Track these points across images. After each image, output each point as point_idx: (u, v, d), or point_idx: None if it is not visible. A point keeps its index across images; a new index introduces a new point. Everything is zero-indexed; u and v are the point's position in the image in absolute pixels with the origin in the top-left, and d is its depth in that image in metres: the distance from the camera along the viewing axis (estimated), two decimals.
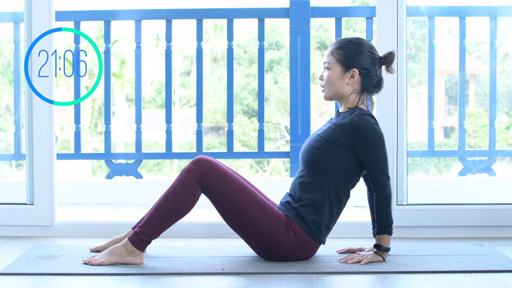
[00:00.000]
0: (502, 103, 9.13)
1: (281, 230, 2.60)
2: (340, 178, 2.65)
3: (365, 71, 2.69)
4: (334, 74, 2.70)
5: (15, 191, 3.45)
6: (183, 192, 2.59)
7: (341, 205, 2.69)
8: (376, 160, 2.62)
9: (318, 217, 2.63)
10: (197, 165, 2.61)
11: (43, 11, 3.20)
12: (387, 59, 2.73)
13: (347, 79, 2.69)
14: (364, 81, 2.70)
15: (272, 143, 18.11)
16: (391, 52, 2.73)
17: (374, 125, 2.64)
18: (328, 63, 2.72)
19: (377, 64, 2.71)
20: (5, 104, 4.78)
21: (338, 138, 2.64)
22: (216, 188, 2.60)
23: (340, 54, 2.70)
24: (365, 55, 2.69)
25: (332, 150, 2.64)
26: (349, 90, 2.71)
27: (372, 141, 2.61)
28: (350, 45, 2.71)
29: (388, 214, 2.64)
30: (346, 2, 18.75)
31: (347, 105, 2.72)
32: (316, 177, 2.65)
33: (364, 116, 2.63)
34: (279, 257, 2.65)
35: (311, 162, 2.67)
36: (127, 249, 2.61)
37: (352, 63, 2.68)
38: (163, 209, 2.60)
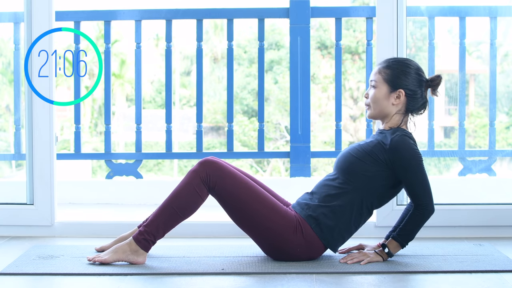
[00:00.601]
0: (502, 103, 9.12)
1: (288, 229, 2.60)
2: (368, 193, 2.65)
3: (411, 93, 2.69)
4: (380, 93, 2.71)
5: (15, 191, 3.45)
6: (189, 193, 2.60)
7: (360, 219, 2.68)
8: (415, 180, 2.62)
9: (333, 221, 2.63)
10: (204, 166, 2.62)
11: (43, 11, 3.20)
12: (433, 82, 2.73)
13: (392, 99, 2.70)
14: (409, 103, 2.70)
15: (272, 143, 18.11)
16: (438, 76, 2.74)
17: (413, 146, 2.65)
18: (375, 81, 2.72)
19: (423, 86, 2.72)
20: (5, 104, 4.78)
21: (377, 153, 2.65)
22: (222, 188, 2.61)
23: (387, 74, 2.70)
24: (412, 76, 2.69)
25: (368, 164, 2.65)
26: (394, 110, 2.71)
27: (410, 162, 2.61)
28: (398, 65, 2.71)
29: (416, 230, 2.65)
30: (346, 2, 18.75)
31: (389, 124, 2.73)
32: (346, 184, 2.65)
33: (404, 137, 2.64)
34: (285, 257, 2.65)
35: (346, 169, 2.67)
36: (131, 247, 2.61)
37: (399, 83, 2.69)
38: (168, 209, 2.60)
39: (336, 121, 4.06)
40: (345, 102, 18.50)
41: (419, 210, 2.63)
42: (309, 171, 4.07)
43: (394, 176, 2.65)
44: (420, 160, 2.64)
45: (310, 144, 4.03)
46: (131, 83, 19.56)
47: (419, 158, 2.64)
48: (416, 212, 2.63)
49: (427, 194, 2.63)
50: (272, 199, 2.64)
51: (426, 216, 2.64)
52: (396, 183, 2.68)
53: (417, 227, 2.65)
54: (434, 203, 2.65)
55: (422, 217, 2.63)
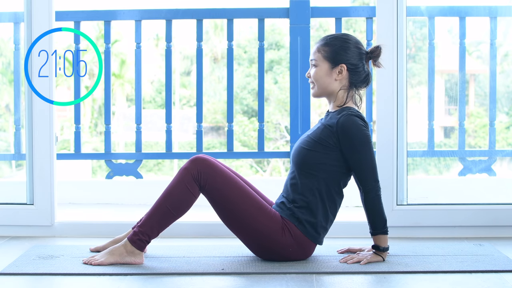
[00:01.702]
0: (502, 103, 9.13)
1: (277, 231, 2.60)
2: (331, 179, 2.65)
3: (353, 67, 2.69)
4: (321, 71, 2.70)
5: (15, 191, 3.45)
6: (181, 191, 2.60)
7: (335, 205, 2.68)
8: (363, 161, 2.61)
9: (312, 217, 2.63)
10: (195, 163, 2.61)
11: (43, 11, 3.20)
12: (374, 53, 2.73)
13: (335, 75, 2.69)
14: (352, 77, 2.70)
15: (272, 143, 18.11)
16: (377, 46, 2.73)
17: (361, 126, 2.62)
18: (315, 60, 2.71)
19: (364, 59, 2.71)
20: (5, 104, 4.78)
21: (326, 138, 2.64)
22: (213, 187, 2.60)
23: (326, 51, 2.70)
24: (352, 50, 2.69)
25: (320, 151, 2.64)
26: (338, 86, 2.71)
27: (359, 143, 2.60)
28: (336, 41, 2.70)
29: (380, 214, 2.63)
30: (346, 2, 18.75)
31: (336, 103, 2.72)
32: (307, 178, 2.65)
33: (351, 116, 2.62)
34: (276, 257, 2.65)
35: (301, 163, 2.67)
36: (126, 249, 2.61)
37: (339, 59, 2.68)
38: (161, 208, 2.60)
39: None
40: None
41: (370, 194, 2.61)
42: None
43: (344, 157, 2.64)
44: (367, 139, 2.62)
45: None
46: (131, 83, 19.56)
47: (365, 138, 2.61)
48: (368, 198, 2.62)
49: (372, 175, 2.61)
50: (260, 200, 2.64)
51: (377, 195, 2.62)
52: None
53: (379, 209, 2.62)
54: (379, 182, 2.63)
55: (375, 198, 2.61)
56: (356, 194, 2.90)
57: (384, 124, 3.24)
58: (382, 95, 3.24)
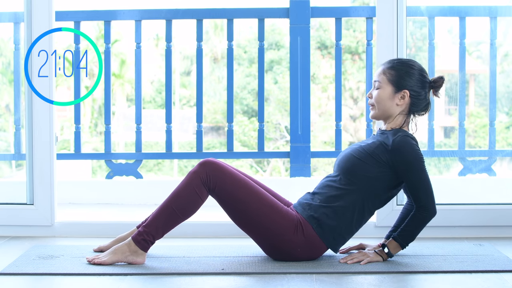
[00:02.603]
0: (502, 103, 9.12)
1: (289, 229, 2.60)
2: (369, 193, 2.65)
3: (416, 94, 2.70)
4: (384, 94, 2.71)
5: (15, 191, 3.45)
6: (189, 194, 2.60)
7: (361, 220, 2.69)
8: (417, 182, 2.62)
9: (334, 222, 2.63)
10: (204, 167, 2.62)
11: (43, 11, 3.20)
12: (436, 84, 2.73)
13: (397, 100, 2.70)
14: (413, 104, 2.71)
15: (272, 143, 18.11)
16: (441, 77, 2.74)
17: (416, 147, 2.65)
18: (379, 82, 2.72)
19: (427, 87, 2.72)
20: (5, 104, 4.78)
21: (380, 154, 2.65)
22: (223, 189, 2.60)
23: (392, 74, 2.70)
24: (416, 77, 2.70)
25: (370, 164, 2.65)
26: (397, 111, 2.71)
27: (413, 163, 2.61)
28: (402, 66, 2.71)
29: (416, 232, 2.65)
30: (346, 2, 18.75)
31: (392, 125, 2.73)
32: (348, 185, 2.65)
33: (407, 138, 2.64)
34: (285, 257, 2.65)
35: (348, 169, 2.67)
36: (130, 248, 2.61)
37: (404, 84, 2.69)
38: (168, 210, 2.60)
39: (336, 121, 4.06)
40: (345, 102, 18.50)
41: (421, 212, 2.63)
42: (309, 171, 4.07)
43: (396, 177, 2.65)
44: (422, 161, 2.64)
45: (310, 144, 4.03)
46: (131, 83, 19.56)
47: (421, 160, 2.64)
48: (417, 213, 2.63)
49: (429, 195, 2.63)
50: (272, 199, 2.64)
51: (427, 218, 2.64)
52: (398, 184, 2.68)
53: (418, 229, 2.65)
54: (435, 205, 2.65)
55: (423, 219, 2.63)
56: None
57: None
58: None
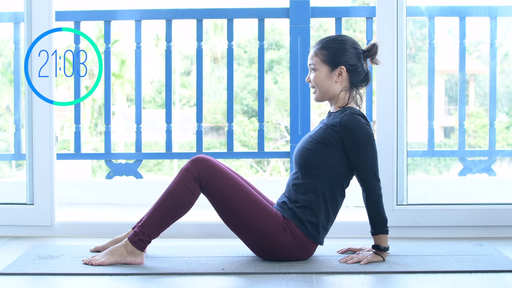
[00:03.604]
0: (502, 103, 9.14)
1: (278, 230, 2.61)
2: (334, 179, 2.65)
3: (352, 67, 2.69)
4: (321, 75, 2.70)
5: (15, 191, 3.45)
6: (182, 191, 2.60)
7: (336, 205, 2.69)
8: (366, 160, 2.62)
9: (314, 218, 2.63)
10: (196, 164, 2.61)
11: (43, 11, 3.20)
12: (371, 52, 2.73)
13: (335, 77, 2.69)
14: (352, 77, 2.70)
15: (272, 143, 18.11)
16: (374, 44, 2.73)
17: (364, 125, 2.63)
18: (313, 64, 2.71)
19: (362, 58, 2.72)
20: (5, 104, 4.78)
21: (329, 138, 2.64)
22: (214, 187, 2.60)
23: (324, 54, 2.70)
24: (350, 51, 2.69)
25: (323, 151, 2.64)
26: (339, 88, 2.71)
27: (362, 141, 2.61)
28: (333, 43, 2.70)
29: (381, 214, 2.63)
30: (346, 2, 18.75)
31: (338, 104, 2.73)
32: (310, 178, 2.65)
33: (354, 115, 2.63)
34: (277, 257, 2.65)
35: (304, 163, 2.67)
36: (127, 249, 2.61)
37: (338, 61, 2.68)
38: (162, 208, 2.60)
39: None
40: None
41: (372, 194, 2.62)
42: None
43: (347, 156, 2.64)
44: (370, 138, 2.62)
45: None
46: (131, 83, 19.56)
47: (370, 136, 2.62)
48: (369, 197, 2.62)
49: (375, 175, 2.62)
50: (261, 200, 2.64)
51: (378, 194, 2.62)
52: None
53: (379, 209, 2.63)
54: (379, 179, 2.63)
55: (376, 197, 2.62)
56: (356, 194, 2.90)
57: (384, 124, 3.24)
58: (382, 95, 3.24)
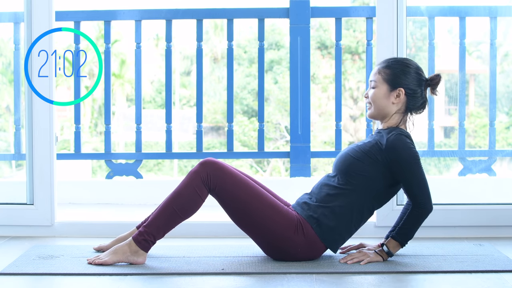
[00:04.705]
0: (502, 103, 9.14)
1: (290, 229, 2.60)
2: (367, 193, 2.65)
3: (411, 92, 2.70)
4: (380, 93, 2.71)
5: (15, 191, 3.45)
6: (190, 193, 2.60)
7: (361, 220, 2.69)
8: (412, 179, 2.62)
9: (333, 222, 2.63)
10: (204, 167, 2.62)
11: (43, 11, 3.20)
12: (433, 81, 2.74)
13: (392, 98, 2.70)
14: (409, 102, 2.71)
15: (272, 143, 18.11)
16: (438, 75, 2.75)
17: (410, 145, 2.65)
18: (374, 81, 2.73)
19: (423, 85, 2.73)
20: (5, 104, 4.78)
21: (375, 153, 2.65)
22: (223, 189, 2.61)
23: (387, 73, 2.71)
24: (412, 75, 2.70)
25: (366, 163, 2.65)
26: (394, 109, 2.72)
27: (407, 161, 2.62)
28: (397, 64, 2.72)
29: (414, 229, 2.66)
30: (346, 2, 18.76)
31: (387, 124, 2.74)
32: (346, 185, 2.66)
33: (401, 136, 2.65)
34: (285, 257, 2.65)
35: (345, 169, 2.67)
36: (130, 248, 2.61)
37: (399, 82, 2.70)
38: (168, 210, 2.60)
39: (336, 121, 4.06)
40: (345, 102, 18.50)
41: (417, 209, 2.63)
42: (309, 171, 4.07)
43: (393, 176, 2.66)
44: (417, 158, 2.64)
45: (310, 144, 4.03)
46: (131, 83, 19.56)
47: (416, 157, 2.64)
48: (414, 211, 2.64)
49: (424, 192, 2.63)
50: (272, 199, 2.64)
51: (424, 215, 2.64)
52: (396, 182, 2.68)
53: (415, 226, 2.65)
54: (432, 202, 2.65)
55: (420, 216, 2.64)
56: None
57: None
58: None
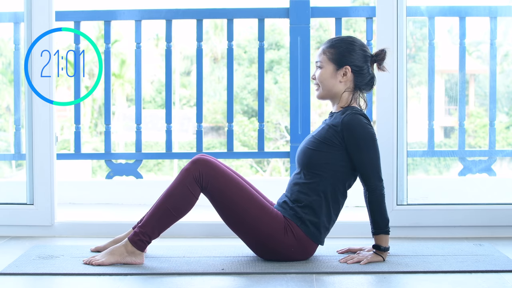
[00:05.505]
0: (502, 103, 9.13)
1: (279, 231, 2.61)
2: (336, 179, 2.65)
3: (358, 69, 2.69)
4: (326, 73, 2.71)
5: (15, 191, 3.45)
6: (183, 192, 2.60)
7: (338, 206, 2.69)
8: (368, 160, 2.62)
9: (315, 217, 2.63)
10: (196, 164, 2.61)
11: (43, 11, 3.20)
12: (378, 57, 2.74)
13: (339, 77, 2.70)
14: (357, 79, 2.70)
15: (272, 143, 18.11)
16: (382, 50, 2.74)
17: (366, 125, 2.63)
18: (320, 62, 2.72)
19: (369, 61, 2.72)
20: (5, 104, 4.78)
21: (331, 138, 2.64)
22: (215, 187, 2.60)
23: (332, 53, 2.70)
24: (357, 52, 2.70)
25: (326, 151, 2.64)
26: (342, 88, 2.71)
27: (364, 141, 2.61)
28: (342, 43, 2.71)
29: (382, 214, 2.64)
30: (346, 2, 18.75)
31: (340, 104, 2.73)
32: (312, 178, 2.65)
33: (356, 115, 2.63)
34: (278, 257, 2.65)
35: (307, 163, 2.67)
36: (127, 249, 2.61)
37: (344, 61, 2.69)
38: (162, 209, 2.60)
39: None
40: None
41: (372, 193, 2.62)
42: None
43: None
44: (371, 138, 2.63)
45: None
46: (131, 83, 19.56)
47: (371, 137, 2.63)
48: (371, 197, 2.63)
49: (375, 174, 2.62)
50: (262, 200, 2.64)
51: (381, 194, 2.63)
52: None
53: (381, 209, 2.63)
54: (382, 180, 2.64)
55: (378, 199, 2.62)
56: (356, 194, 2.90)
57: (384, 124, 3.24)
58: (382, 95, 3.24)
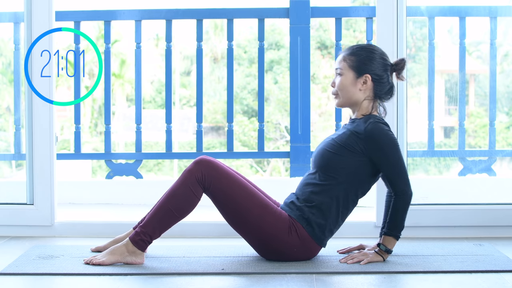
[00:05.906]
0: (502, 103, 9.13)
1: (283, 230, 2.60)
2: (350, 184, 2.65)
3: (378, 77, 2.70)
4: (346, 80, 2.71)
5: (15, 191, 3.45)
6: (185, 192, 2.60)
7: (347, 212, 2.69)
8: (394, 166, 2.63)
9: (322, 219, 2.63)
10: (199, 165, 2.61)
11: (43, 11, 3.20)
12: (398, 66, 2.74)
13: (359, 85, 2.70)
14: (376, 88, 2.71)
15: (272, 143, 18.11)
16: (402, 59, 2.74)
17: (388, 132, 2.65)
18: (340, 69, 2.72)
19: (388, 70, 2.72)
20: (5, 104, 4.78)
21: (353, 144, 2.65)
22: (217, 188, 2.60)
23: (352, 60, 2.70)
24: (378, 61, 2.70)
25: (345, 155, 2.65)
26: (362, 96, 2.71)
27: (388, 147, 2.62)
28: (362, 51, 2.71)
29: (402, 219, 2.65)
30: (346, 2, 18.75)
31: (361, 112, 2.73)
32: (327, 180, 2.65)
33: (378, 124, 2.64)
34: (280, 257, 2.65)
35: (324, 165, 2.67)
36: (128, 249, 2.61)
37: (365, 69, 2.69)
38: (164, 209, 2.60)
39: (336, 121, 4.06)
40: None
41: (399, 198, 2.63)
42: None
43: (373, 164, 2.65)
44: (397, 145, 2.64)
45: (310, 144, 4.03)
46: (131, 83, 19.55)
47: (395, 144, 2.64)
48: (397, 201, 2.63)
49: (404, 179, 2.63)
50: (266, 200, 2.64)
51: (407, 202, 2.64)
52: (377, 171, 2.68)
53: (403, 215, 2.65)
54: (411, 186, 2.65)
55: (404, 204, 2.63)
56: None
57: None
58: None
